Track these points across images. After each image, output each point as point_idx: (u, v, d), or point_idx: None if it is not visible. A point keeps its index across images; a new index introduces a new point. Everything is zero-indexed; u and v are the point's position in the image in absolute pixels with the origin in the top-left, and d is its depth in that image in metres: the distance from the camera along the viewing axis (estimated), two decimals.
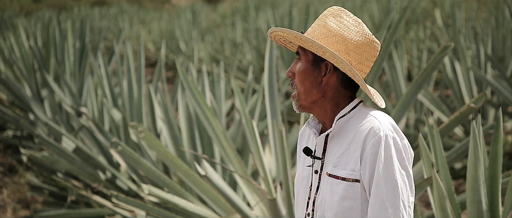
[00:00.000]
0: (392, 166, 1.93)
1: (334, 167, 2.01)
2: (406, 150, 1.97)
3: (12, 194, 6.36)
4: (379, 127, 1.95)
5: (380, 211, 1.92)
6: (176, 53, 13.05)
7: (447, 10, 12.38)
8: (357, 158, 1.97)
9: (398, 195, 1.92)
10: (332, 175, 2.01)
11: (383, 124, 1.96)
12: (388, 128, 1.95)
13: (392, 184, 1.93)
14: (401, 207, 1.92)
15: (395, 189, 1.92)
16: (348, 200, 1.98)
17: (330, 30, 2.01)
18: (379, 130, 1.94)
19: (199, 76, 6.11)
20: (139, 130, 4.06)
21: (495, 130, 3.12)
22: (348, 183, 1.97)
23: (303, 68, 2.04)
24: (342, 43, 2.00)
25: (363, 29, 2.02)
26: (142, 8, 24.40)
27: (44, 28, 12.10)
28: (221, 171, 4.80)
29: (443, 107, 6.65)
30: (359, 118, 2.01)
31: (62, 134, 5.79)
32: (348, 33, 2.01)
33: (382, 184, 1.92)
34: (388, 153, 1.93)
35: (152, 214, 4.02)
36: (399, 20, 4.45)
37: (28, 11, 23.18)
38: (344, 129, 2.02)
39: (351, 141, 1.99)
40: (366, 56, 2.02)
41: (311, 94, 2.04)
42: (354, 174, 1.97)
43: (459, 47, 7.28)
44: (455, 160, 4.02)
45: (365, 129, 1.96)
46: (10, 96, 7.96)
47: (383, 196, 1.92)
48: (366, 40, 2.01)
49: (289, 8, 10.33)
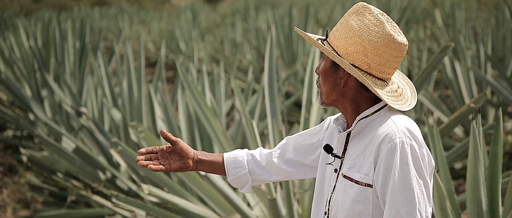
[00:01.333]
0: (408, 174, 1.87)
1: (349, 168, 1.98)
2: (424, 159, 1.90)
3: (12, 194, 6.36)
4: (395, 132, 1.90)
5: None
6: (176, 53, 13.05)
7: (447, 10, 12.38)
8: (371, 162, 1.92)
9: (415, 205, 1.87)
10: (347, 176, 1.98)
11: (400, 129, 1.90)
12: (406, 134, 1.90)
13: (408, 193, 1.87)
14: (418, 217, 1.87)
15: (412, 198, 1.87)
16: (359, 204, 1.94)
17: (350, 30, 1.97)
18: (395, 136, 1.89)
19: (199, 76, 6.12)
20: (139, 130, 4.07)
21: (495, 130, 3.12)
22: (361, 187, 1.94)
23: (324, 68, 2.03)
24: (360, 44, 1.95)
25: (384, 29, 1.94)
26: (142, 8, 24.40)
27: (44, 28, 12.10)
28: None
29: (443, 107, 6.65)
30: (380, 121, 1.96)
31: (62, 134, 5.79)
32: (367, 33, 1.94)
33: (398, 192, 1.87)
34: (404, 160, 1.88)
35: (152, 214, 4.02)
36: (399, 20, 4.45)
37: (28, 11, 23.18)
38: (364, 131, 1.99)
39: (368, 144, 1.95)
40: (386, 57, 1.95)
41: (331, 94, 2.02)
42: (367, 179, 1.93)
43: (459, 47, 7.28)
44: (455, 160, 4.03)
45: (382, 133, 1.91)
46: (10, 96, 7.96)
47: (399, 205, 1.87)
48: (385, 41, 1.94)
49: (289, 8, 10.33)
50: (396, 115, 1.96)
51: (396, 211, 1.87)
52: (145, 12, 22.41)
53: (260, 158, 2.27)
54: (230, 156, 2.27)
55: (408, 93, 2.04)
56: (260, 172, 2.27)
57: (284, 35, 9.45)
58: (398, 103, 1.98)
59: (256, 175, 2.27)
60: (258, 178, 2.27)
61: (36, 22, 14.67)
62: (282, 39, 9.33)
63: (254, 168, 2.27)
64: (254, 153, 2.29)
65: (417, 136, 1.91)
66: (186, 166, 2.23)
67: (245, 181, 2.27)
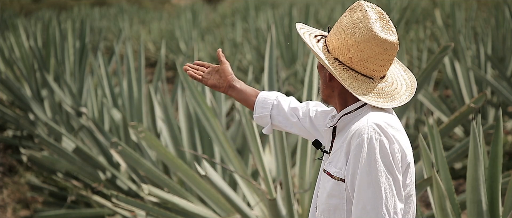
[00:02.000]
0: (375, 170, 1.87)
1: (328, 163, 2.02)
2: (395, 155, 1.90)
3: (12, 194, 6.36)
4: (365, 128, 1.90)
5: (362, 215, 1.87)
6: (176, 53, 13.05)
7: (447, 10, 12.37)
8: (344, 157, 1.95)
9: (382, 200, 1.86)
10: (325, 170, 2.02)
11: (369, 125, 1.90)
12: (375, 130, 1.89)
13: (375, 188, 1.86)
14: (384, 212, 1.86)
15: (378, 193, 1.86)
16: (334, 198, 1.97)
17: (340, 26, 2.01)
18: (363, 131, 1.89)
19: None
20: (139, 130, 4.06)
21: (495, 130, 3.12)
22: (335, 181, 1.96)
23: (318, 65, 2.11)
24: (343, 39, 1.98)
25: (368, 25, 1.95)
26: (142, 8, 24.39)
27: (44, 28, 12.10)
28: (221, 171, 4.80)
29: (443, 107, 6.65)
30: (360, 117, 1.97)
31: (62, 134, 5.79)
32: (351, 29, 1.96)
33: (365, 187, 1.87)
34: (371, 155, 1.87)
35: (152, 214, 4.02)
36: (399, 20, 4.45)
37: (28, 11, 23.18)
38: (347, 126, 2.01)
39: (344, 140, 1.97)
40: (368, 53, 1.95)
41: (324, 89, 2.07)
42: (340, 173, 1.95)
43: (459, 47, 7.28)
44: (455, 160, 4.02)
45: (354, 129, 1.93)
46: (10, 96, 7.96)
47: (365, 200, 1.87)
48: (367, 36, 1.94)
49: (289, 8, 10.33)
50: (375, 112, 1.96)
51: (363, 206, 1.87)
52: (145, 12, 22.41)
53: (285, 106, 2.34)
54: (263, 95, 2.37)
55: (402, 91, 2.04)
56: (280, 119, 2.34)
57: (284, 35, 9.45)
58: (380, 101, 1.97)
59: (275, 120, 2.35)
60: (277, 124, 2.35)
61: (36, 22, 14.67)
62: (282, 39, 9.33)
63: (275, 113, 2.34)
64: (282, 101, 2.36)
65: (389, 132, 1.90)
66: (219, 86, 2.37)
67: (266, 122, 2.36)
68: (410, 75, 2.11)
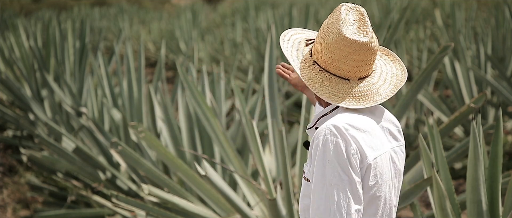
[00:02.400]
0: (330, 170, 1.88)
1: (305, 164, 2.04)
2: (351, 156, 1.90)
3: (12, 194, 6.36)
4: (322, 129, 1.92)
5: (316, 215, 1.89)
6: (176, 53, 13.05)
7: (447, 10, 12.37)
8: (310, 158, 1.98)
9: (333, 201, 1.87)
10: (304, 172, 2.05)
11: (327, 127, 1.92)
12: (332, 131, 1.91)
13: (328, 190, 1.88)
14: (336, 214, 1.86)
15: (331, 194, 1.87)
16: (306, 198, 2.00)
17: (320, 29, 2.05)
18: (320, 133, 1.92)
19: (199, 76, 6.12)
20: (139, 130, 4.06)
21: (495, 130, 3.12)
22: (305, 182, 2.01)
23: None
24: (318, 41, 2.02)
25: (338, 28, 1.96)
26: (142, 8, 24.40)
27: (44, 28, 12.10)
28: (221, 171, 4.80)
29: (443, 107, 6.65)
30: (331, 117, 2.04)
31: (62, 134, 5.79)
32: (325, 32, 2.00)
33: (319, 188, 1.89)
34: (326, 157, 1.89)
35: (152, 214, 4.02)
36: (399, 20, 4.46)
37: (28, 11, 23.18)
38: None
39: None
40: (339, 54, 1.95)
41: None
42: (308, 174, 1.99)
43: (459, 47, 7.28)
44: (455, 160, 4.02)
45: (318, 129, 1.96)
46: (10, 96, 7.96)
47: (319, 201, 1.89)
48: (336, 38, 1.95)
49: (289, 8, 10.33)
50: (345, 113, 1.97)
51: (317, 206, 1.89)
52: (145, 12, 22.41)
53: None
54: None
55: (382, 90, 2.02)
56: None
57: None
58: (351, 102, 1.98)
59: None
60: None
61: (36, 22, 14.67)
62: None
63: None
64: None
65: (347, 133, 1.90)
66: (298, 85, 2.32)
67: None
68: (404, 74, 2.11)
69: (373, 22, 12.06)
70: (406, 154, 6.76)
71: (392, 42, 4.38)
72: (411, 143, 6.86)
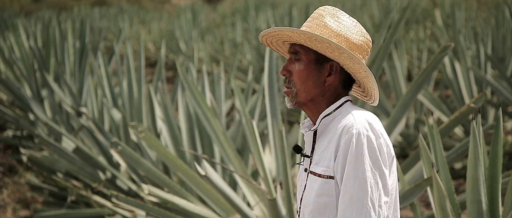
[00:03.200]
0: (362, 164, 1.91)
1: (315, 164, 2.03)
2: (382, 150, 1.95)
3: (12, 194, 6.36)
4: (352, 123, 1.95)
5: (348, 207, 1.91)
6: (176, 53, 13.05)
7: (447, 10, 12.37)
8: (332, 154, 1.97)
9: (367, 193, 1.90)
10: (312, 172, 2.03)
11: (357, 121, 1.95)
12: (363, 125, 1.94)
13: (361, 182, 1.91)
14: (369, 205, 1.90)
15: (364, 187, 1.90)
16: (324, 197, 1.98)
17: (332, 31, 2.00)
18: (352, 127, 1.94)
19: (199, 76, 6.11)
20: (139, 130, 4.06)
21: (495, 130, 3.12)
22: (323, 180, 1.99)
23: (304, 67, 2.04)
24: (345, 43, 2.00)
25: (362, 29, 2.04)
26: (142, 8, 24.40)
27: (44, 28, 12.10)
28: (221, 171, 4.80)
29: (443, 107, 6.65)
30: (342, 117, 2.01)
31: (62, 134, 5.79)
32: (350, 33, 2.01)
33: (352, 180, 1.92)
34: (359, 150, 1.92)
35: (152, 214, 4.02)
36: (399, 20, 4.45)
37: (28, 11, 23.19)
38: (328, 127, 2.04)
39: (330, 139, 2.00)
40: (364, 55, 2.04)
41: (311, 93, 2.04)
42: (328, 171, 1.97)
43: (459, 47, 7.28)
44: (455, 160, 4.02)
45: (341, 126, 1.96)
46: (10, 96, 7.96)
47: (351, 193, 1.91)
48: (366, 40, 2.03)
49: (289, 8, 10.33)
50: (357, 109, 2.01)
51: (349, 197, 1.92)
52: (145, 12, 22.41)
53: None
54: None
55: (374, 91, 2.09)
56: None
57: None
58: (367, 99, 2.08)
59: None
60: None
61: (36, 22, 14.67)
62: None
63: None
64: None
65: (375, 127, 1.95)
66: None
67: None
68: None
69: (373, 22, 12.06)
70: (406, 154, 6.78)
71: (392, 42, 4.37)
72: (411, 143, 6.86)
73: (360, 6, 15.25)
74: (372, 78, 2.00)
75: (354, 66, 1.99)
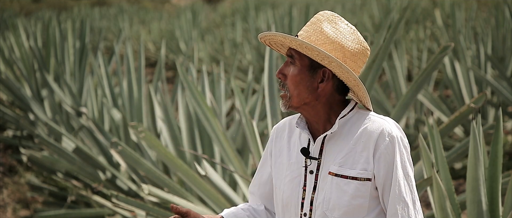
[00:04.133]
0: (408, 165, 2.03)
1: (340, 166, 2.03)
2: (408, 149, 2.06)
3: (12, 194, 6.36)
4: (390, 128, 2.01)
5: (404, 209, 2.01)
6: (176, 53, 13.05)
7: (447, 10, 12.38)
8: (368, 157, 2.01)
9: (412, 190, 2.03)
10: (340, 174, 2.02)
11: (392, 126, 2.03)
12: (398, 129, 2.04)
13: (408, 182, 2.02)
14: (415, 202, 2.03)
15: (410, 185, 2.02)
16: (359, 198, 2.01)
17: (327, 37, 2.01)
18: (391, 131, 2.01)
19: (199, 76, 6.11)
20: (139, 130, 4.06)
21: (495, 130, 3.12)
22: (360, 182, 2.01)
23: (297, 72, 2.04)
24: (340, 50, 2.01)
25: (359, 37, 2.05)
26: (142, 8, 24.39)
27: (44, 28, 12.10)
28: (221, 171, 4.80)
29: (443, 107, 6.65)
30: (359, 119, 2.04)
31: (62, 134, 5.79)
32: (345, 41, 2.02)
33: (402, 182, 2.01)
34: (402, 153, 2.02)
35: (152, 214, 4.02)
36: (399, 20, 4.45)
37: (28, 11, 23.19)
38: (344, 129, 2.05)
39: (357, 141, 2.02)
40: (359, 64, 2.05)
41: (304, 97, 2.04)
42: (366, 173, 2.01)
43: (459, 47, 7.28)
44: (455, 160, 4.02)
45: (375, 130, 2.01)
46: (10, 96, 7.96)
47: (403, 194, 2.01)
48: (361, 48, 2.04)
49: (289, 8, 10.33)
50: (372, 113, 2.07)
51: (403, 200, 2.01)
52: (145, 12, 22.40)
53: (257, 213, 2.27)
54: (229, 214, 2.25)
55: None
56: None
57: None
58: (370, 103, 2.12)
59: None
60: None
61: (36, 22, 14.67)
62: None
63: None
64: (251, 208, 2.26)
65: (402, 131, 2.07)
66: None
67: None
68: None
69: (373, 22, 12.06)
70: None
71: (392, 42, 4.38)
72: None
73: (360, 6, 15.26)
74: (362, 87, 2.01)
75: (344, 75, 2.00)
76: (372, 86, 4.20)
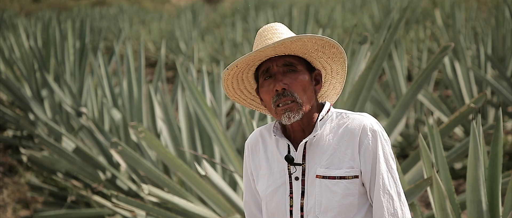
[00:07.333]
0: (390, 158, 2.04)
1: (326, 168, 2.02)
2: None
3: (12, 194, 6.36)
4: (371, 123, 2.04)
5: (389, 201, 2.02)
6: (176, 53, 13.05)
7: (447, 10, 12.38)
8: (353, 155, 2.01)
9: (398, 184, 2.05)
10: (327, 176, 2.02)
11: (372, 120, 2.06)
12: (378, 123, 2.06)
13: (392, 174, 2.04)
14: (400, 193, 2.04)
15: (396, 179, 2.04)
16: (349, 197, 2.02)
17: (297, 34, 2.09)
18: (372, 126, 2.03)
19: (199, 76, 6.12)
20: (139, 130, 4.06)
21: (495, 130, 3.12)
22: (348, 180, 2.01)
23: (304, 77, 2.05)
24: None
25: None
26: (142, 8, 24.40)
27: (44, 28, 12.09)
28: (221, 171, 4.80)
29: (443, 107, 6.65)
30: (336, 119, 2.07)
31: (62, 134, 5.79)
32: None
33: (386, 175, 2.02)
34: (384, 146, 2.04)
35: (152, 214, 4.02)
36: (399, 20, 4.45)
37: (28, 11, 23.19)
38: (324, 131, 2.06)
39: (339, 141, 2.03)
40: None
41: (312, 101, 2.07)
42: (353, 171, 2.02)
43: (459, 47, 7.27)
44: (455, 160, 4.02)
45: (356, 127, 2.03)
46: (10, 96, 7.96)
47: (387, 187, 2.02)
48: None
49: (289, 8, 10.33)
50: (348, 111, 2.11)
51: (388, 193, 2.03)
52: (145, 12, 22.41)
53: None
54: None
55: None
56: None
57: None
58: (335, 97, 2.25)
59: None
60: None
61: (36, 22, 14.67)
62: None
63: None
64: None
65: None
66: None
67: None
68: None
69: (373, 22, 12.06)
70: (406, 154, 6.78)
71: (392, 42, 4.38)
72: (411, 143, 6.86)
73: (360, 6, 15.26)
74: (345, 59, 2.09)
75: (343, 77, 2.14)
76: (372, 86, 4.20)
